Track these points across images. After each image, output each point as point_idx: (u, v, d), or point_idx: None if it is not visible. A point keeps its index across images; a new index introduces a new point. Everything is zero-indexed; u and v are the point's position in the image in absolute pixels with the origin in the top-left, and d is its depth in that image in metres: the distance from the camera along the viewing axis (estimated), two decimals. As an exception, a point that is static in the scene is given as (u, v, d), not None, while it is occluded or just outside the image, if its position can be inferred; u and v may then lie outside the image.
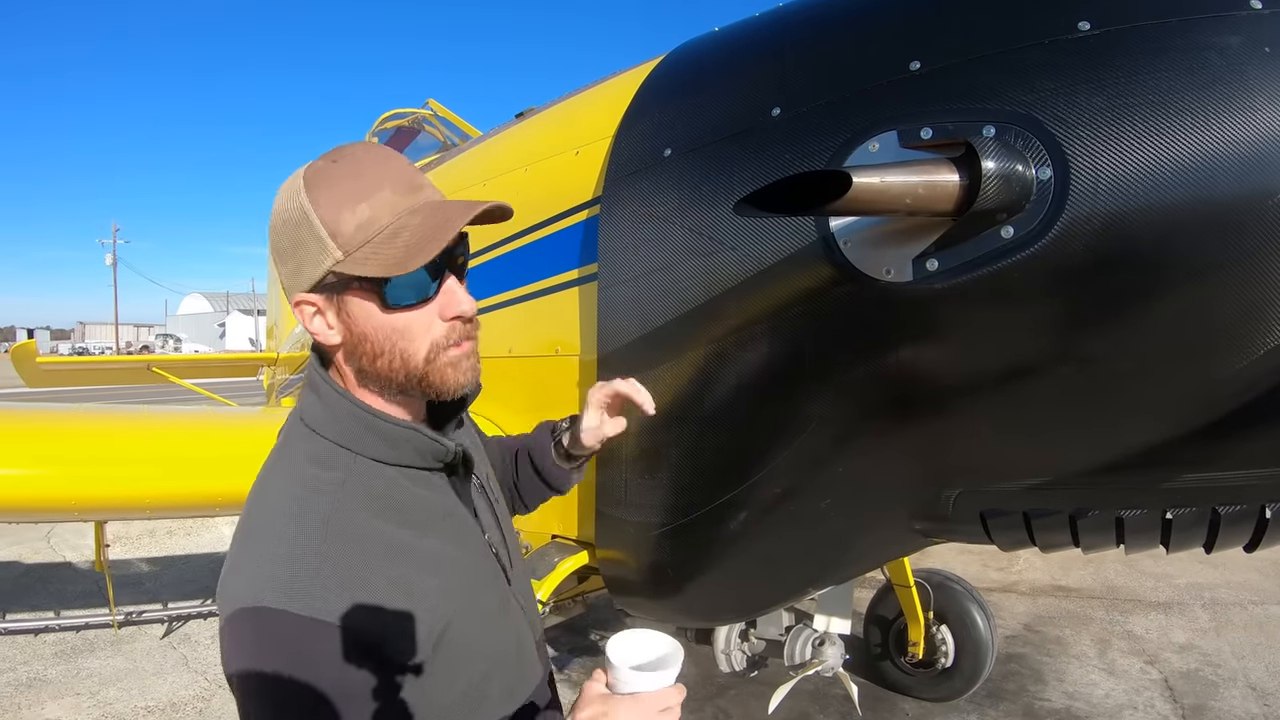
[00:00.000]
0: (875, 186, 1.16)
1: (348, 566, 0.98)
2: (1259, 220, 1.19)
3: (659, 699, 1.07)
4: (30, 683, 5.07)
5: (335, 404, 1.09)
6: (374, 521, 1.05)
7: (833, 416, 1.62)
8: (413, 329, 1.06)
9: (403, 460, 1.10)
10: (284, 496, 1.04)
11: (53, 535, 8.92)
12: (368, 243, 1.01)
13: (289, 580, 0.95)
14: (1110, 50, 1.23)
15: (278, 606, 0.93)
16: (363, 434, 1.08)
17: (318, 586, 0.95)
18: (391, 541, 1.04)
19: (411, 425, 1.10)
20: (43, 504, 2.70)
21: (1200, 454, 1.48)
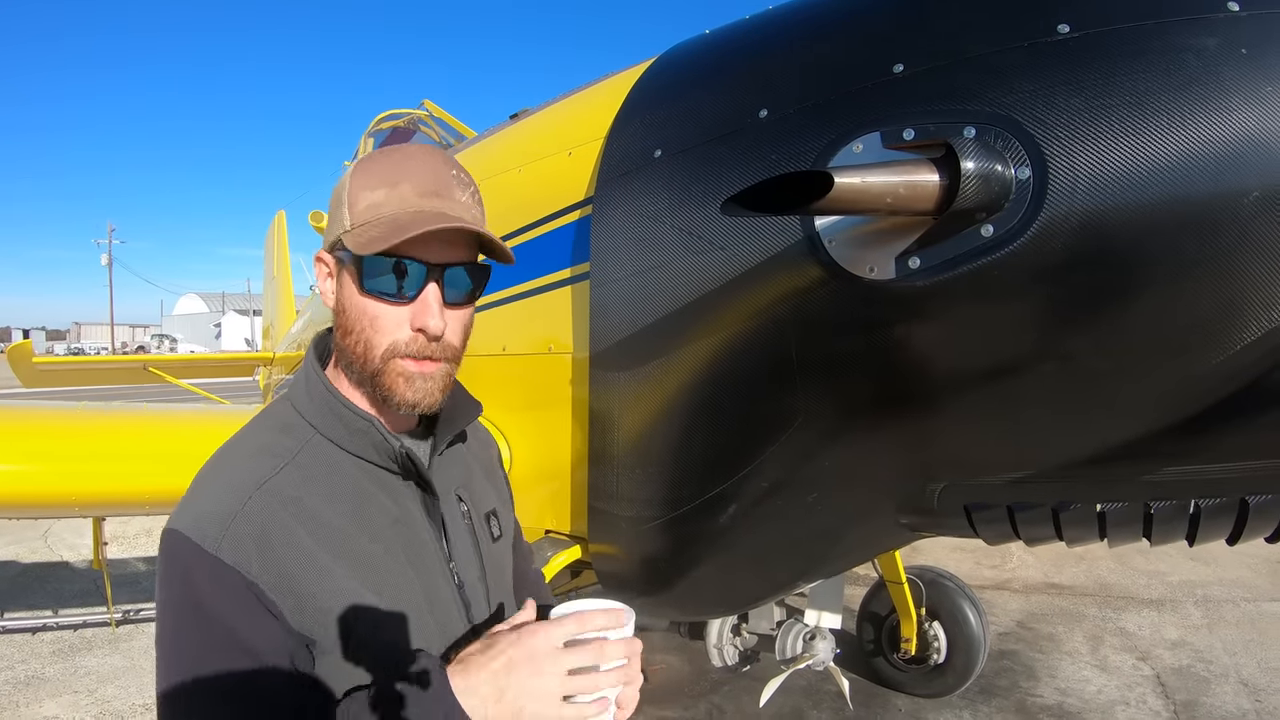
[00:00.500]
0: (857, 186, 1.19)
1: (265, 524, 1.02)
2: (1234, 218, 1.22)
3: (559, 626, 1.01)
4: (29, 681, 5.10)
5: (312, 382, 1.16)
6: (311, 498, 1.08)
7: (818, 411, 1.65)
8: (380, 321, 1.10)
9: (361, 452, 1.14)
10: (239, 448, 1.12)
11: (50, 534, 8.95)
12: (365, 224, 1.08)
13: (203, 514, 1.01)
14: (1088, 52, 1.26)
15: (185, 533, 0.99)
16: (327, 414, 1.14)
17: (226, 529, 0.99)
18: (321, 519, 1.07)
19: (367, 416, 1.13)
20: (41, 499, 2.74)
21: (1179, 448, 1.50)
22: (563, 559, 2.32)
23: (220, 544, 0.98)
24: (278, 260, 12.47)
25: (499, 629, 1.05)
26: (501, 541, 1.35)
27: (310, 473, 1.10)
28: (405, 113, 5.99)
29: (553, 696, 0.96)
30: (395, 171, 1.10)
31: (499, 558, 1.33)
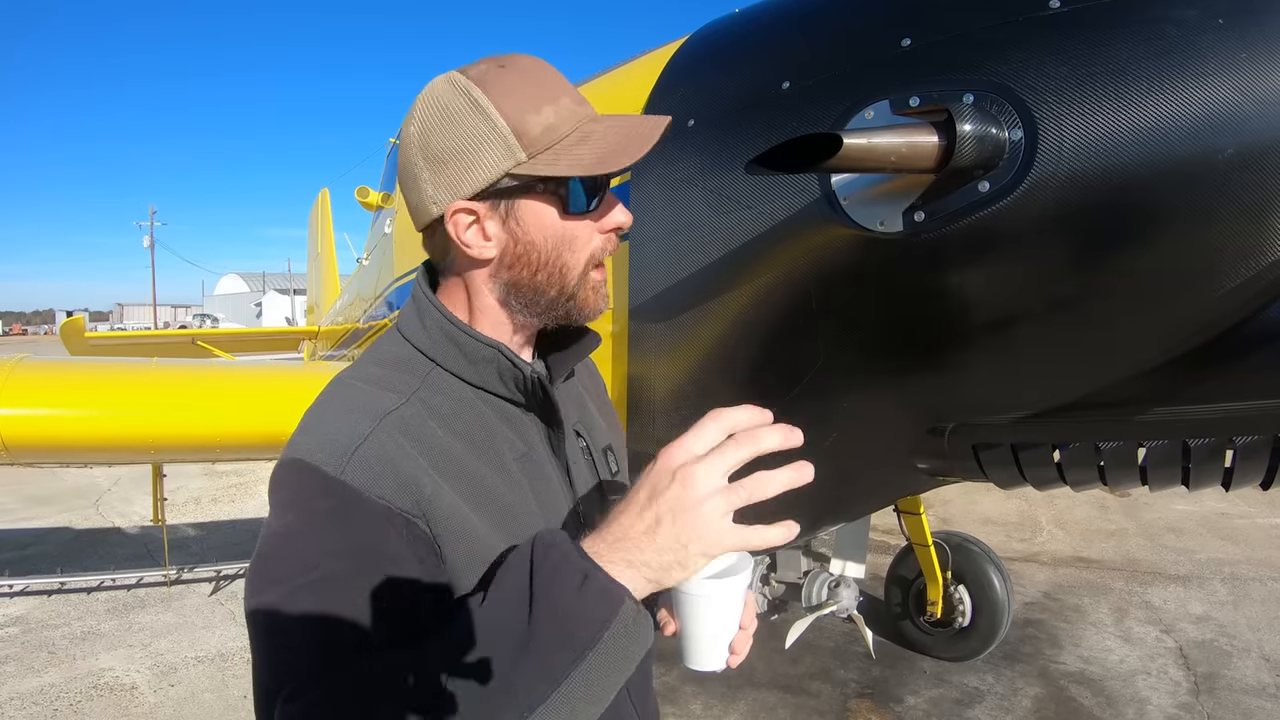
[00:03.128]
0: (863, 146, 1.34)
1: (392, 454, 0.93)
2: (1210, 174, 1.34)
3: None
4: (85, 636, 5.41)
5: (428, 314, 1.07)
6: (437, 431, 0.99)
7: (836, 355, 1.81)
8: (579, 238, 1.04)
9: (484, 382, 1.06)
10: (353, 384, 1.02)
11: (101, 502, 9.35)
12: (554, 145, 0.99)
13: (324, 442, 0.92)
14: (1076, 24, 1.40)
15: (313, 462, 0.90)
16: (447, 346, 1.05)
17: (353, 454, 0.91)
18: (449, 453, 0.98)
19: (494, 343, 1.04)
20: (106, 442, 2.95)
21: (1168, 389, 1.64)
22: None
23: (344, 468, 0.89)
24: (321, 238, 12.78)
25: None
26: (620, 477, 1.25)
27: (432, 406, 1.01)
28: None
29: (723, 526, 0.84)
30: (541, 87, 1.01)
31: (619, 493, 1.18)
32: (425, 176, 1.01)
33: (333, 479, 0.89)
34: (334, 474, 0.89)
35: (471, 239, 1.03)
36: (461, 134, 0.98)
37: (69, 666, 4.94)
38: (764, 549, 0.96)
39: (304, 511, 0.90)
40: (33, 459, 3.36)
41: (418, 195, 1.04)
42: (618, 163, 1.00)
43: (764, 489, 0.87)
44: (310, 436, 0.94)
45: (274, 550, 0.90)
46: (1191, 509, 7.74)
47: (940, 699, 4.33)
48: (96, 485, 10.20)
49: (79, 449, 3.01)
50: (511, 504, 1.02)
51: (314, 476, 0.90)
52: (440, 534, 0.93)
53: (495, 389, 1.06)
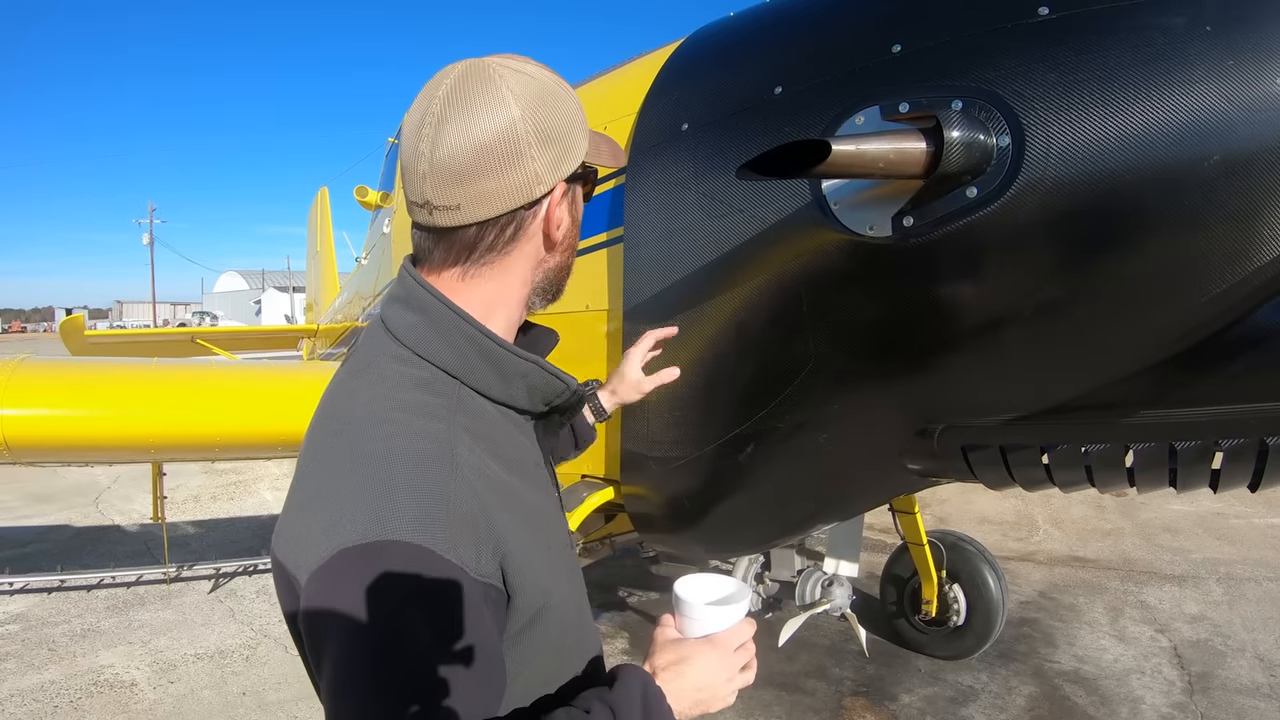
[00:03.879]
0: (851, 152, 1.36)
1: (473, 504, 0.90)
2: (1196, 181, 1.36)
3: (733, 636, 1.05)
4: (85, 633, 5.41)
5: (447, 321, 0.99)
6: (489, 462, 0.96)
7: (827, 357, 1.84)
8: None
9: (511, 399, 1.03)
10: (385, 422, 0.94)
11: (101, 500, 9.34)
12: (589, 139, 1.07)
13: (420, 511, 0.86)
14: (1064, 31, 1.41)
15: (414, 541, 0.84)
16: (479, 363, 1.00)
17: (449, 521, 0.87)
18: (503, 485, 0.96)
19: (532, 358, 1.02)
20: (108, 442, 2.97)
21: (1153, 392, 1.66)
22: (596, 499, 2.53)
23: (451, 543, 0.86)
24: (321, 236, 12.79)
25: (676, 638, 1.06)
26: None
27: (476, 434, 0.97)
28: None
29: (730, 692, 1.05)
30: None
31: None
32: (536, 154, 0.97)
33: (445, 561, 0.85)
34: (444, 554, 0.85)
35: (557, 217, 1.04)
36: (568, 117, 1.01)
37: (69, 664, 4.95)
38: None
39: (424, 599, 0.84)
40: (35, 458, 3.38)
41: (515, 174, 0.97)
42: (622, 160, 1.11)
43: None
44: (398, 506, 0.86)
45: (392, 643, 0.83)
46: (1188, 509, 7.74)
47: (935, 697, 4.34)
48: (97, 483, 10.21)
49: (80, 449, 3.03)
50: (543, 514, 1.06)
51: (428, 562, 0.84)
52: (514, 585, 0.93)
53: (519, 404, 1.05)
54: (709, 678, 1.02)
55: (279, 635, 5.32)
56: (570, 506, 2.51)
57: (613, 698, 0.94)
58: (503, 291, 1.04)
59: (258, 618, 5.66)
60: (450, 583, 0.85)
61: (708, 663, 1.02)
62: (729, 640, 1.04)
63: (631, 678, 0.97)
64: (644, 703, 0.94)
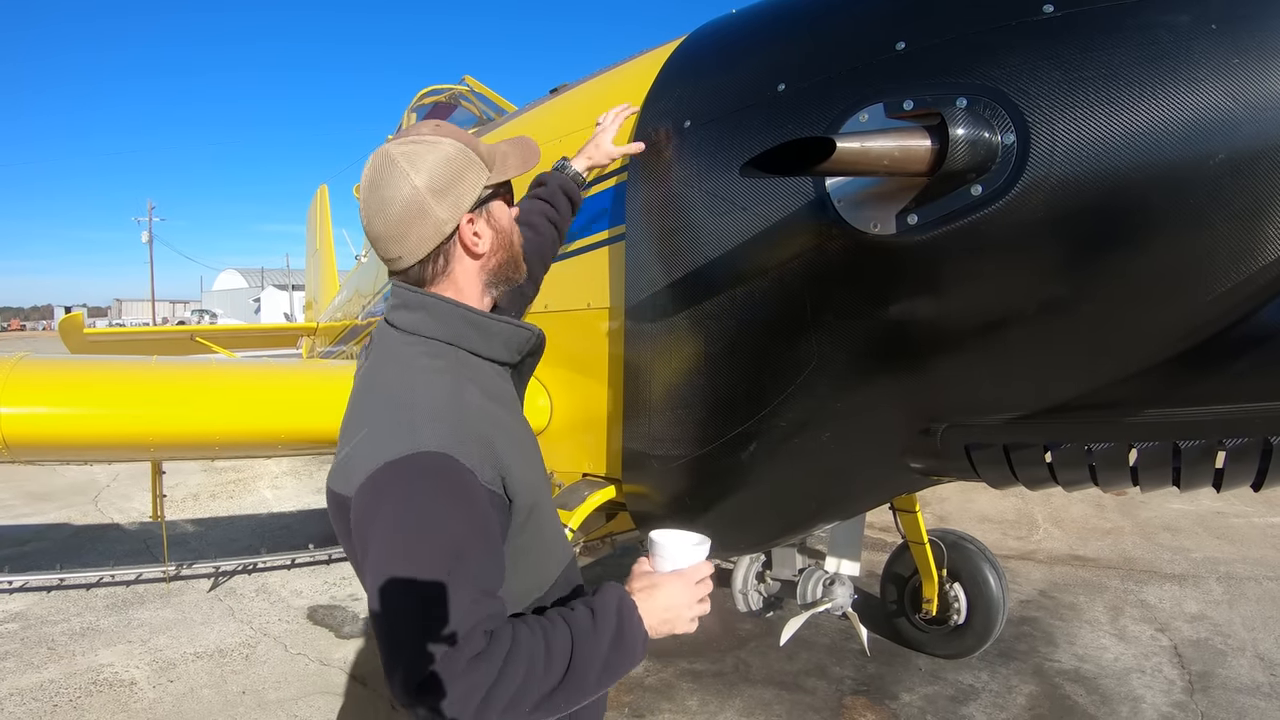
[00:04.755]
0: (856, 150, 1.36)
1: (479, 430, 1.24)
2: (1201, 179, 1.35)
3: (695, 571, 1.35)
4: (84, 632, 5.39)
5: (441, 309, 1.35)
6: (486, 402, 1.31)
7: (830, 354, 1.83)
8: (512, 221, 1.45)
9: (493, 354, 1.38)
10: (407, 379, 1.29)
11: (100, 499, 9.32)
12: (494, 161, 1.38)
13: (442, 433, 1.19)
14: (1070, 29, 1.41)
15: (437, 450, 1.17)
16: (466, 330, 1.35)
17: (464, 441, 1.20)
18: (498, 417, 1.31)
19: (505, 320, 1.40)
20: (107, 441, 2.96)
21: (1158, 391, 1.65)
22: (598, 497, 2.52)
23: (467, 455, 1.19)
24: (320, 234, 12.80)
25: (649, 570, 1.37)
26: None
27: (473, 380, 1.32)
28: (447, 88, 6.17)
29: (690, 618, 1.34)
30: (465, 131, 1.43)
31: None
32: (434, 206, 1.31)
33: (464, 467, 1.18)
34: (464, 461, 1.18)
35: (471, 241, 1.36)
36: (453, 167, 1.33)
37: (68, 662, 4.93)
38: None
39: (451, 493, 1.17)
40: (34, 457, 3.37)
41: (425, 226, 1.32)
42: (529, 166, 1.44)
43: None
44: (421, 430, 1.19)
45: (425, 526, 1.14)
46: (1188, 508, 7.74)
47: (935, 696, 4.34)
48: (95, 481, 10.19)
49: (80, 447, 3.01)
50: (524, 438, 1.40)
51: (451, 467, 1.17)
52: (512, 491, 1.26)
53: (500, 357, 1.40)
54: (674, 600, 1.31)
55: (279, 634, 5.31)
56: (572, 505, 2.51)
57: (594, 601, 1.26)
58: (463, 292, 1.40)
59: (257, 616, 5.65)
60: (467, 482, 1.18)
61: (674, 589, 1.32)
62: (692, 574, 1.35)
63: (610, 589, 1.29)
64: (619, 609, 1.24)
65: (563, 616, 1.22)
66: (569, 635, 1.19)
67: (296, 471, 10.63)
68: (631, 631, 1.24)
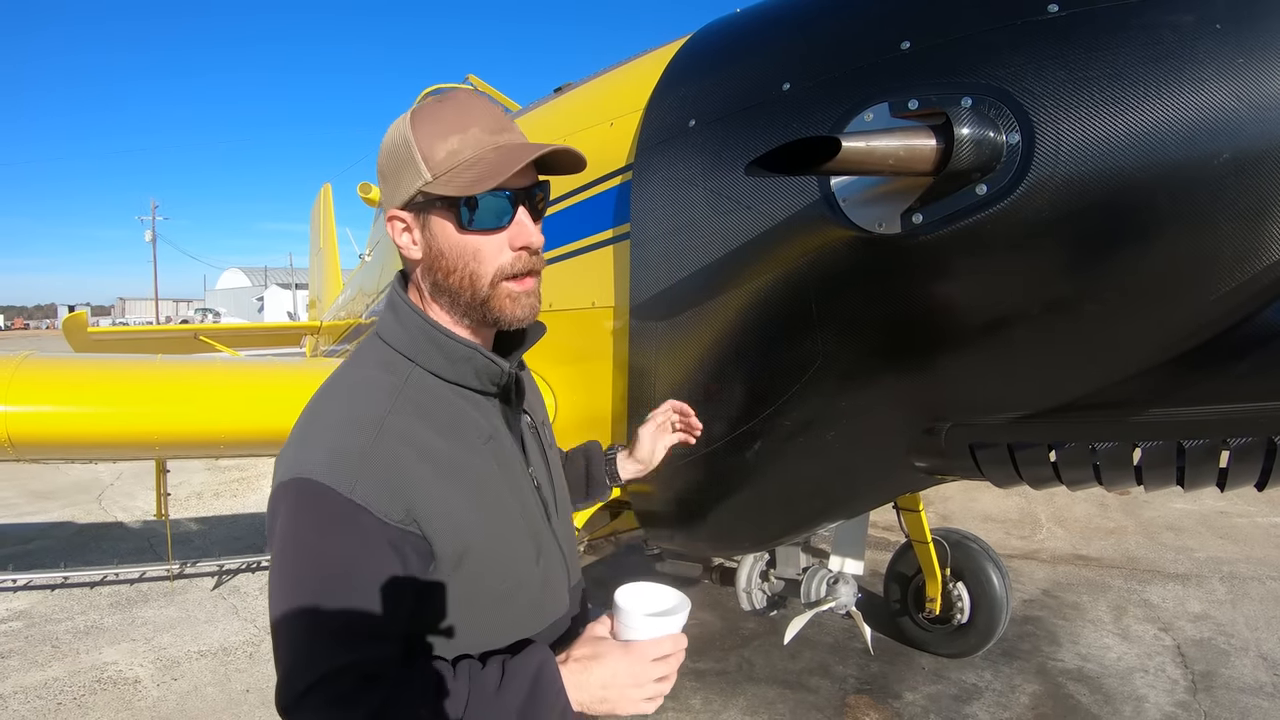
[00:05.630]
0: (861, 149, 1.36)
1: (391, 462, 1.08)
2: (1206, 179, 1.36)
3: (653, 647, 1.13)
4: (88, 630, 5.40)
5: (407, 318, 1.23)
6: (421, 427, 1.14)
7: (835, 353, 1.83)
8: (482, 252, 1.19)
9: (460, 379, 1.22)
10: (346, 389, 1.20)
11: (104, 497, 9.33)
12: (452, 169, 1.16)
13: (334, 460, 1.06)
14: (1075, 29, 1.41)
15: (319, 479, 1.04)
16: (426, 346, 1.20)
17: (359, 472, 1.05)
18: (434, 450, 1.14)
19: (472, 344, 1.21)
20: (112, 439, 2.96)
21: (1162, 390, 1.65)
22: (602, 497, 2.52)
23: (354, 488, 1.04)
24: (324, 233, 12.79)
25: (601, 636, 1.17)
26: (553, 449, 1.48)
27: (417, 405, 1.16)
28: (451, 88, 6.17)
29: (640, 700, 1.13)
30: (460, 118, 1.17)
31: (556, 462, 1.47)
32: (381, 188, 1.23)
33: (344, 499, 1.04)
34: (346, 494, 1.04)
35: (404, 242, 1.23)
36: (395, 159, 1.19)
37: (72, 660, 4.95)
38: None
39: (321, 526, 1.05)
40: (39, 455, 3.38)
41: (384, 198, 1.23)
42: (482, 187, 1.15)
43: None
44: (316, 452, 1.08)
45: (296, 556, 1.06)
46: (1191, 508, 7.73)
47: (938, 695, 4.34)
48: (99, 480, 10.21)
49: (85, 445, 3.02)
50: (483, 479, 1.20)
51: (328, 498, 1.04)
52: (431, 531, 1.10)
53: (469, 383, 1.23)
54: (616, 679, 1.12)
55: (283, 632, 5.32)
56: None
57: (511, 663, 1.11)
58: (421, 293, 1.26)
59: (261, 614, 5.66)
60: (349, 515, 1.04)
61: (618, 666, 1.12)
62: (647, 650, 1.13)
63: (535, 653, 1.13)
64: (536, 677, 1.09)
65: (468, 672, 1.09)
66: (465, 694, 1.07)
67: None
68: (546, 703, 1.08)
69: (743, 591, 3.60)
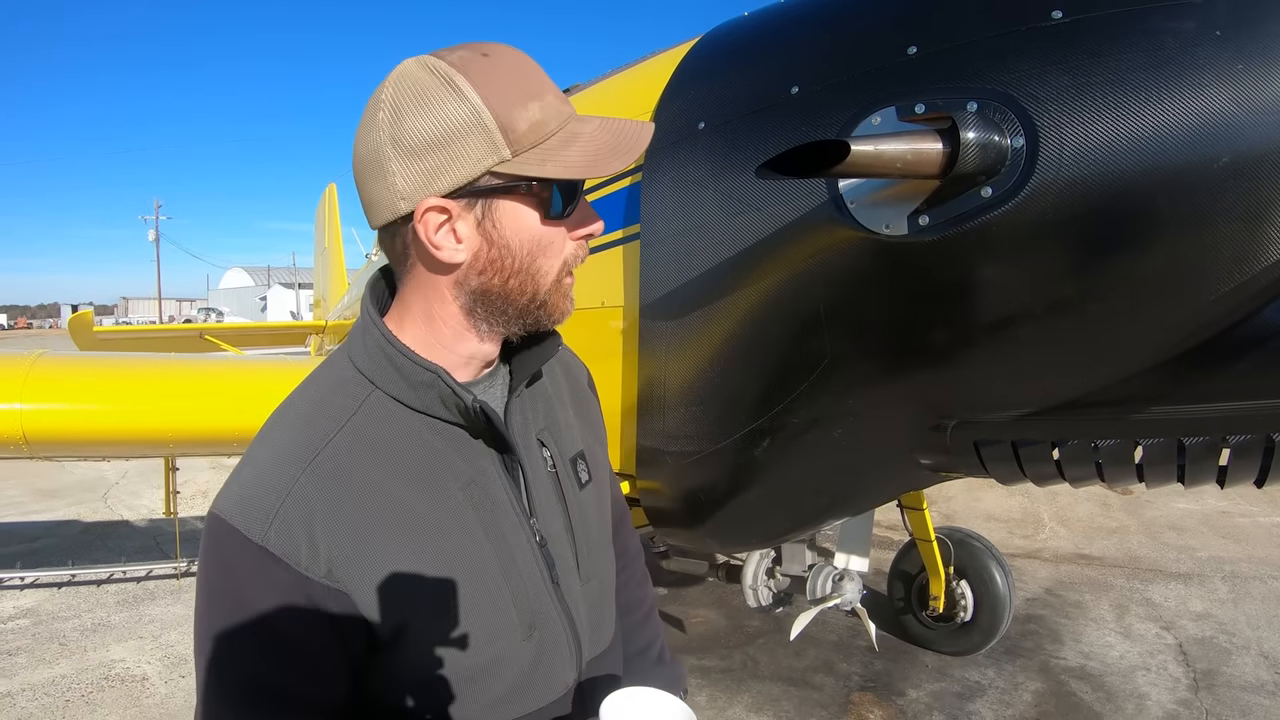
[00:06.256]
0: (870, 153, 1.40)
1: (317, 505, 0.91)
2: (1205, 182, 1.39)
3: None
4: (95, 628, 5.44)
5: (369, 332, 1.01)
6: (369, 467, 0.95)
7: (843, 352, 1.87)
8: (555, 244, 0.98)
9: (427, 407, 0.99)
10: (290, 413, 1.00)
11: (109, 495, 9.37)
12: (540, 144, 0.92)
13: (249, 497, 0.91)
14: (1078, 35, 1.44)
15: (227, 518, 0.90)
16: (386, 368, 0.99)
17: (276, 513, 0.89)
18: (378, 493, 0.94)
19: (432, 367, 0.97)
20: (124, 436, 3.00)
21: (1163, 388, 1.69)
22: (611, 493, 2.56)
23: (268, 533, 0.88)
24: (329, 233, 12.86)
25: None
26: (591, 486, 1.19)
27: (367, 437, 0.96)
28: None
29: None
30: (531, 81, 0.94)
31: (587, 505, 1.17)
32: (395, 168, 0.91)
33: (254, 545, 0.88)
34: (257, 540, 0.88)
35: (442, 240, 0.94)
36: (442, 124, 0.89)
37: (80, 658, 4.98)
38: None
39: (228, 572, 0.91)
40: (53, 453, 3.42)
41: (381, 189, 0.93)
42: (609, 167, 0.94)
43: None
44: (234, 486, 0.93)
45: (203, 606, 0.93)
46: (1193, 507, 7.77)
47: (942, 693, 4.38)
48: (105, 478, 10.26)
49: (98, 443, 3.06)
50: (445, 533, 0.97)
51: (237, 541, 0.89)
52: (359, 596, 0.91)
53: (439, 413, 1.00)
54: None
55: (289, 630, 5.36)
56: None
57: None
58: (423, 304, 1.01)
59: (268, 611, 5.71)
60: (257, 565, 0.88)
61: None
62: None
63: None
64: None
65: None
66: None
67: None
68: None
69: (749, 588, 3.64)
